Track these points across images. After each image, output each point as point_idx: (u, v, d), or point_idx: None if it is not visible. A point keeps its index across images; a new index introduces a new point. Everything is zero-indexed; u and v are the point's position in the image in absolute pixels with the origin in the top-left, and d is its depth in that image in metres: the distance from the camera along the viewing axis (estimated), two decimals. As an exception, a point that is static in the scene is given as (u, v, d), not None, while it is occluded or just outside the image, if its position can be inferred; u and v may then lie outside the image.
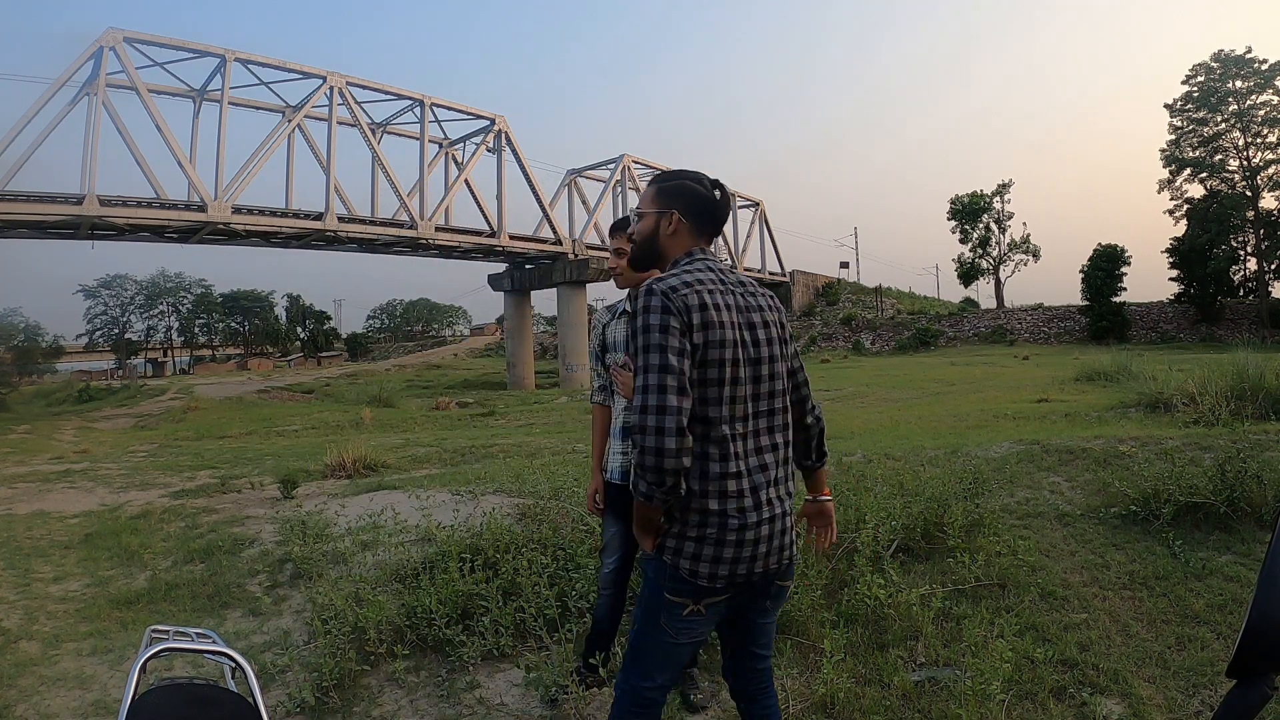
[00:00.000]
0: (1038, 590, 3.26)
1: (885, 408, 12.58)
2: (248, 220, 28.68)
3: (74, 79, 25.18)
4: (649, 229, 1.84)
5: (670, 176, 1.89)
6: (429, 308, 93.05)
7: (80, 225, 25.58)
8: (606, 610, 2.69)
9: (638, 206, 1.89)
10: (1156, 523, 3.72)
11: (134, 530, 5.43)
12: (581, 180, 43.27)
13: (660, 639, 1.72)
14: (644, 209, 1.85)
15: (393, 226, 33.12)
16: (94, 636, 3.58)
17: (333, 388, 30.19)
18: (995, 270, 49.52)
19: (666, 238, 1.83)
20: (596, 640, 2.71)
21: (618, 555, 2.65)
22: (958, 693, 2.42)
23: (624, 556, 2.66)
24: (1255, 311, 36.88)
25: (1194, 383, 7.52)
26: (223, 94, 28.72)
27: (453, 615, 3.10)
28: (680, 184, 1.85)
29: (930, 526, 3.73)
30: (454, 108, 36.24)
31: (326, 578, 3.75)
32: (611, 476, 2.60)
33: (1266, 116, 36.34)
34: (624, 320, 2.64)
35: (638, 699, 1.76)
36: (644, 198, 1.87)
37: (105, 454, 12.38)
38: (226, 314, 70.47)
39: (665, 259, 1.84)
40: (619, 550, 2.65)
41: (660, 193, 1.84)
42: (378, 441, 10.23)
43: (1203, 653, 2.72)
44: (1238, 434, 4.58)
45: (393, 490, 5.83)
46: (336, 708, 2.75)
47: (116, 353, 62.32)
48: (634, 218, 1.89)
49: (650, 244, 1.85)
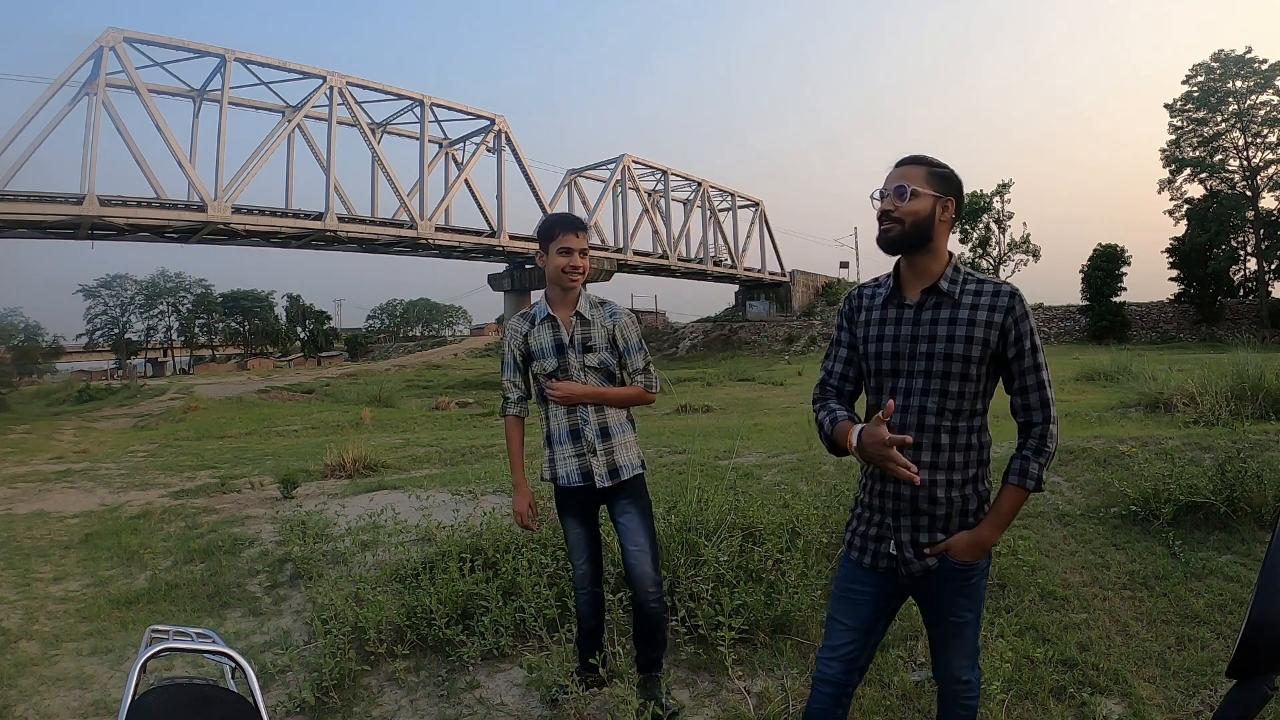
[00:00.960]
0: (1038, 590, 3.26)
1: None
2: (248, 220, 28.71)
3: (74, 79, 25.21)
4: (926, 210, 1.70)
5: (942, 164, 1.77)
6: (429, 308, 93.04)
7: (80, 225, 25.60)
8: (590, 609, 2.69)
9: (907, 182, 1.70)
10: (1156, 523, 3.72)
11: (134, 530, 5.44)
12: (581, 180, 43.29)
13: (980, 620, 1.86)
14: (920, 188, 1.70)
15: (393, 226, 33.13)
16: (94, 636, 3.58)
17: (333, 388, 30.16)
18: (995, 270, 49.46)
19: (941, 225, 1.73)
20: (586, 640, 2.72)
21: (586, 555, 2.64)
22: (958, 693, 2.42)
23: (592, 556, 2.66)
24: (1255, 311, 36.88)
25: (1194, 383, 7.52)
26: (223, 94, 28.75)
27: (453, 615, 3.10)
28: (954, 174, 1.75)
29: (930, 526, 3.72)
30: (454, 108, 36.26)
31: (326, 578, 3.75)
32: (569, 480, 2.55)
33: (1266, 116, 36.35)
34: (547, 325, 2.55)
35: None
36: (914, 176, 1.71)
37: (105, 454, 12.38)
38: (226, 314, 70.42)
39: (938, 247, 1.74)
40: (586, 550, 2.64)
41: (939, 176, 1.73)
42: (378, 441, 10.22)
43: (1203, 653, 2.72)
44: (1238, 434, 4.58)
45: (393, 490, 5.83)
46: (336, 708, 2.75)
47: (116, 353, 62.30)
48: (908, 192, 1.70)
49: (926, 228, 1.71)
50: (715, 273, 49.88)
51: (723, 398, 18.88)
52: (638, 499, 2.58)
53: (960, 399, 1.69)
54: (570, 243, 2.50)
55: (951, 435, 1.70)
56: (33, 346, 41.63)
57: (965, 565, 1.72)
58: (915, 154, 1.76)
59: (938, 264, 1.73)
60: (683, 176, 47.41)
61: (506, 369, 2.66)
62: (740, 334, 46.86)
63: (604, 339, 2.56)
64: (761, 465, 5.55)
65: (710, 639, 2.85)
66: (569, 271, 2.50)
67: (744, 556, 3.30)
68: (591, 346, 2.54)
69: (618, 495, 2.56)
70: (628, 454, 2.57)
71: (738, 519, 3.66)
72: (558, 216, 2.64)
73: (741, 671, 2.79)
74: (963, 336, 1.68)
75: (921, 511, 1.71)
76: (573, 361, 2.53)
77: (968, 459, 1.72)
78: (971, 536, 1.70)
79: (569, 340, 2.54)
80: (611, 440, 2.54)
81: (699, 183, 47.71)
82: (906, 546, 1.73)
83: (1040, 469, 1.69)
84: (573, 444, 2.53)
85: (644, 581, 2.50)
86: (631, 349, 2.58)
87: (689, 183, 47.87)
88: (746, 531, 3.59)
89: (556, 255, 2.50)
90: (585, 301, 2.59)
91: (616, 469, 2.53)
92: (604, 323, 2.58)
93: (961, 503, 1.72)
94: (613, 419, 2.55)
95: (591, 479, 2.52)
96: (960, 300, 1.70)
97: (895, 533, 1.74)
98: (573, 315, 2.56)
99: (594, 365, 2.54)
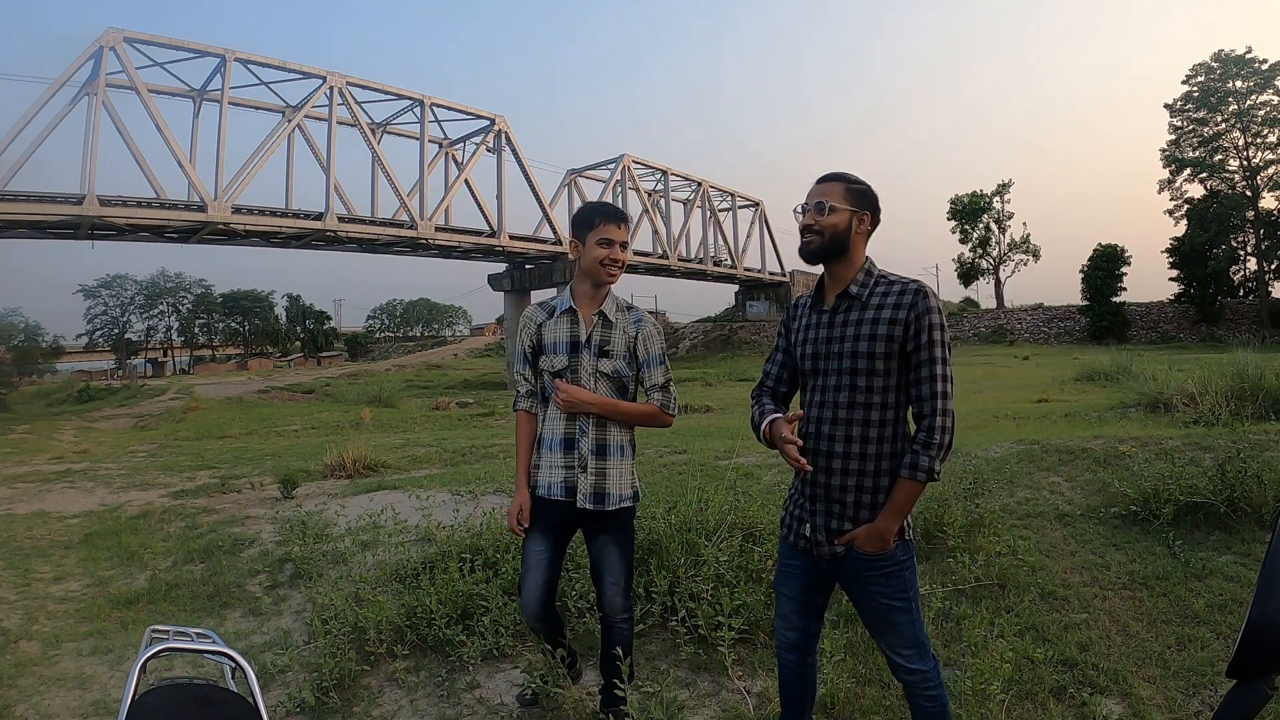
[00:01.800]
0: (1038, 590, 3.26)
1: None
2: (248, 220, 28.68)
3: (74, 79, 25.18)
4: (843, 224, 1.86)
5: (859, 180, 1.91)
6: (429, 308, 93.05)
7: (80, 225, 25.57)
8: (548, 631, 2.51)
9: (826, 198, 1.86)
10: (1156, 523, 3.72)
11: (134, 530, 5.43)
12: (581, 180, 43.25)
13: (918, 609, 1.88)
14: (837, 203, 1.86)
15: (393, 226, 33.11)
16: (94, 636, 3.58)
17: (333, 388, 30.18)
18: (995, 270, 49.52)
19: (857, 237, 1.88)
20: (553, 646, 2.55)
21: (541, 580, 2.41)
22: (958, 693, 2.42)
23: (548, 581, 2.43)
24: (1255, 311, 36.88)
25: (1194, 383, 7.53)
26: (223, 94, 28.72)
27: (453, 615, 3.10)
28: (870, 190, 1.90)
29: (930, 526, 3.73)
30: (454, 108, 36.23)
31: (326, 578, 3.75)
32: (549, 492, 2.35)
33: (1267, 116, 36.37)
34: (566, 319, 2.38)
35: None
36: (833, 192, 1.87)
37: (105, 454, 12.38)
38: (226, 314, 70.43)
39: (853, 257, 1.88)
40: (544, 573, 2.41)
41: (855, 192, 1.88)
42: (378, 441, 10.21)
43: (1203, 653, 2.71)
44: (1238, 434, 4.58)
45: (393, 490, 5.83)
46: (336, 708, 2.75)
47: (116, 353, 62.30)
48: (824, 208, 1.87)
49: (843, 240, 1.86)
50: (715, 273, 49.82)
51: (723, 398, 18.88)
52: (621, 533, 2.40)
53: (870, 394, 1.81)
54: (612, 234, 2.31)
55: (864, 429, 1.81)
56: (33, 346, 41.62)
57: (873, 555, 1.81)
58: (834, 171, 1.93)
59: (852, 271, 1.88)
60: (683, 176, 47.36)
61: (518, 360, 2.48)
62: (740, 334, 46.86)
63: (623, 346, 2.37)
64: (761, 465, 5.55)
65: (710, 639, 2.84)
66: (608, 265, 2.32)
67: (744, 556, 3.30)
68: (608, 351, 2.35)
69: (602, 527, 2.38)
70: (620, 482, 2.36)
71: (738, 519, 3.66)
72: (598, 205, 2.44)
73: (741, 671, 2.79)
74: (867, 335, 1.80)
75: (833, 500, 1.85)
76: (584, 363, 2.34)
77: (879, 452, 1.81)
78: (870, 527, 1.80)
79: (586, 339, 2.35)
80: (606, 460, 2.34)
81: (699, 183, 47.67)
82: (820, 530, 1.88)
83: (931, 461, 1.75)
84: (563, 454, 2.34)
85: (614, 610, 2.41)
86: (652, 361, 2.39)
87: (689, 183, 47.82)
88: (746, 531, 3.59)
89: (596, 246, 2.31)
90: (612, 302, 2.40)
91: (603, 494, 2.33)
92: (626, 329, 2.39)
93: (872, 495, 1.82)
94: (613, 437, 2.36)
95: (574, 496, 2.33)
96: (869, 302, 1.84)
97: (812, 516, 1.89)
98: (595, 314, 2.37)
99: (607, 372, 2.35)
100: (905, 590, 1.84)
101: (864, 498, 1.82)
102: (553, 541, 2.42)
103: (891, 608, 1.84)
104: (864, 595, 1.87)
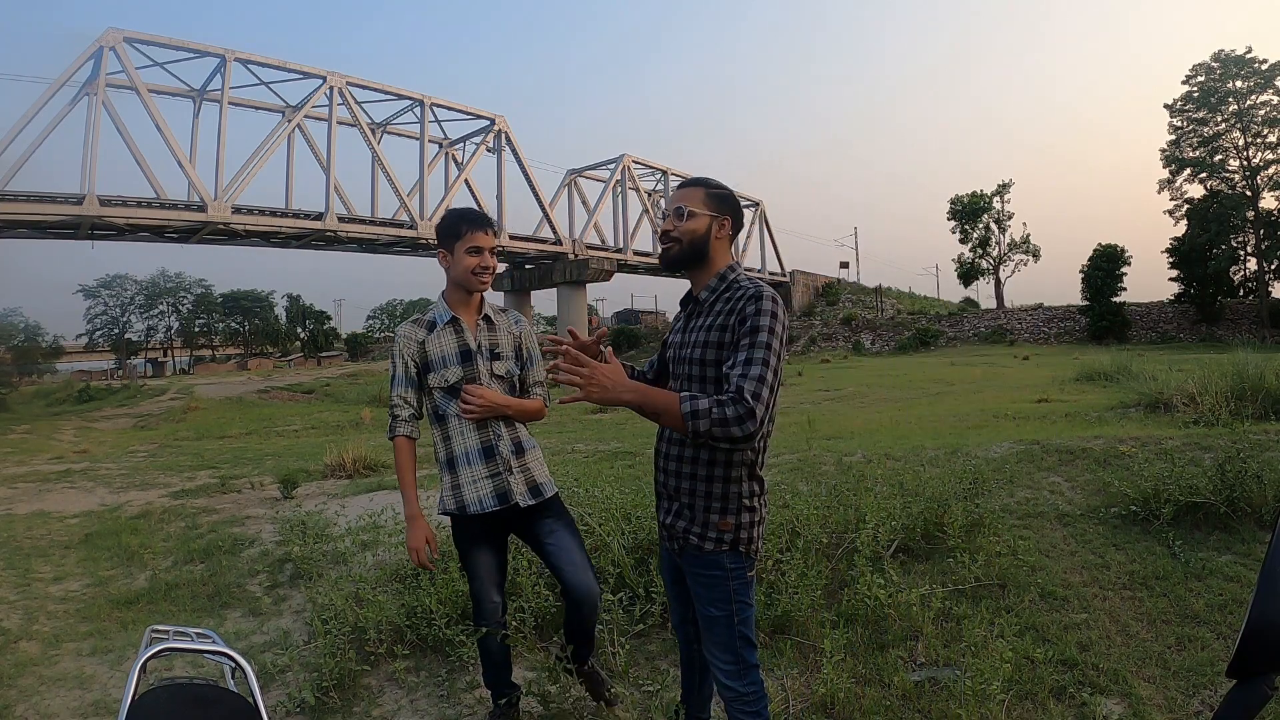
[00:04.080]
0: (1038, 590, 3.26)
1: (885, 408, 12.58)
2: (248, 220, 28.72)
3: (74, 79, 25.22)
4: (702, 229, 1.85)
5: (720, 185, 1.92)
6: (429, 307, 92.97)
7: (80, 225, 25.60)
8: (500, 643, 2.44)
9: (685, 204, 1.85)
10: (1156, 523, 3.72)
11: (134, 530, 5.44)
12: (581, 180, 43.30)
13: (751, 613, 1.87)
14: (696, 209, 1.85)
15: (393, 226, 33.13)
16: (94, 636, 3.58)
17: (333, 388, 30.16)
18: (995, 270, 49.52)
19: (718, 242, 1.87)
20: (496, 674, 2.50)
21: (498, 587, 2.41)
22: (958, 693, 2.42)
23: (500, 584, 2.43)
24: (1255, 311, 36.86)
25: (1194, 383, 7.52)
26: (223, 94, 28.76)
27: (453, 615, 3.10)
28: (731, 194, 1.91)
29: (930, 526, 3.73)
30: (454, 108, 36.27)
31: (326, 578, 3.75)
32: (481, 506, 2.31)
33: (1266, 116, 36.35)
34: (450, 330, 2.35)
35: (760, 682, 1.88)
36: (692, 197, 1.86)
37: (105, 454, 12.38)
38: (226, 314, 70.39)
39: (712, 263, 1.87)
40: (499, 581, 2.42)
41: (715, 197, 1.88)
42: (378, 441, 10.21)
43: (1203, 653, 2.71)
44: (1238, 434, 4.57)
45: (393, 490, 5.83)
46: (336, 708, 2.75)
47: (116, 353, 62.28)
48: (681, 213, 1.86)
49: (702, 246, 1.86)
50: (715, 273, 49.79)
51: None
52: (562, 515, 2.41)
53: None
54: (481, 241, 2.31)
55: None
56: (33, 346, 41.57)
57: (700, 557, 1.81)
58: (696, 177, 1.93)
59: (709, 276, 1.87)
60: (683, 176, 47.32)
61: (397, 383, 2.36)
62: (740, 334, 46.76)
63: (510, 346, 2.40)
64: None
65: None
66: (479, 272, 2.31)
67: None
68: (500, 354, 2.37)
69: (541, 516, 2.36)
70: (542, 470, 2.41)
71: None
72: (463, 212, 2.39)
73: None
74: (703, 341, 1.79)
75: (671, 496, 1.88)
76: (480, 369, 2.33)
77: (713, 456, 1.78)
78: (606, 367, 1.66)
79: (476, 346, 2.35)
80: (526, 456, 2.37)
81: (699, 183, 47.66)
82: (664, 523, 1.92)
83: (708, 411, 1.59)
84: (485, 463, 2.31)
85: (590, 597, 2.31)
86: (535, 359, 2.45)
87: (689, 183, 47.81)
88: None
89: (466, 255, 2.30)
90: (487, 306, 2.42)
91: (537, 486, 2.36)
92: (510, 329, 2.43)
93: (706, 497, 1.80)
94: (524, 434, 2.40)
95: (509, 500, 2.31)
96: (712, 308, 1.83)
97: (660, 510, 1.95)
98: (478, 319, 2.38)
99: (501, 374, 2.36)
100: (727, 600, 1.80)
101: (699, 497, 1.80)
102: (497, 552, 2.44)
103: (712, 616, 1.82)
104: (694, 596, 1.88)
